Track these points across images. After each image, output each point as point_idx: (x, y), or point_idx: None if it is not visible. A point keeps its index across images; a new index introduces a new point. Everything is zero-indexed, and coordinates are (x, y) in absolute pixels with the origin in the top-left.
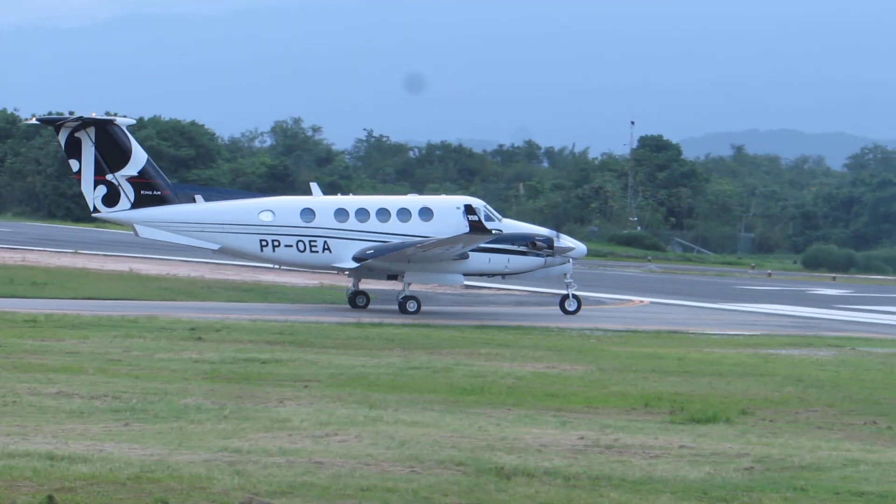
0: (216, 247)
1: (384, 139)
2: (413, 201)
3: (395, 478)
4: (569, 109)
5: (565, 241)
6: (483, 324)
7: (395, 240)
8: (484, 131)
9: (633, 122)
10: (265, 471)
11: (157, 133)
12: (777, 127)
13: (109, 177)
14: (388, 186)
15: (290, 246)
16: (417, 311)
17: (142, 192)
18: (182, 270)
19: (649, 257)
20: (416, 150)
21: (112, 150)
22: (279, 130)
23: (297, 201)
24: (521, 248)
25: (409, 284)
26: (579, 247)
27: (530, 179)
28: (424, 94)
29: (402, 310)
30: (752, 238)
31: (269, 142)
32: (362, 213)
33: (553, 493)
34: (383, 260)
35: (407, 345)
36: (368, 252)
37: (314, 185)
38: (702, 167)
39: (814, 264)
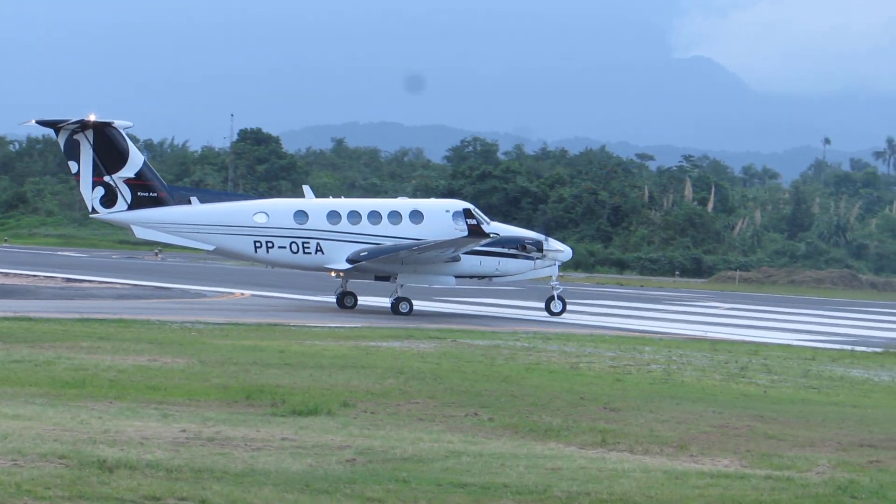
0: (211, 247)
1: None
2: (404, 204)
3: None
4: (168, 101)
5: (554, 244)
6: (85, 317)
7: (387, 242)
8: None
9: (232, 115)
10: None
11: None
12: (377, 120)
13: (107, 178)
14: None
15: (284, 247)
16: (409, 312)
17: (138, 193)
18: None
19: None
20: (17, 144)
21: (109, 153)
22: None
23: (290, 203)
24: (512, 251)
25: (402, 286)
26: (566, 250)
27: None
28: (25, 86)
29: (395, 311)
30: None
31: None
32: (354, 216)
33: (156, 486)
34: (377, 262)
35: (8, 338)
36: (362, 254)
37: (307, 188)
38: (302, 160)
39: None
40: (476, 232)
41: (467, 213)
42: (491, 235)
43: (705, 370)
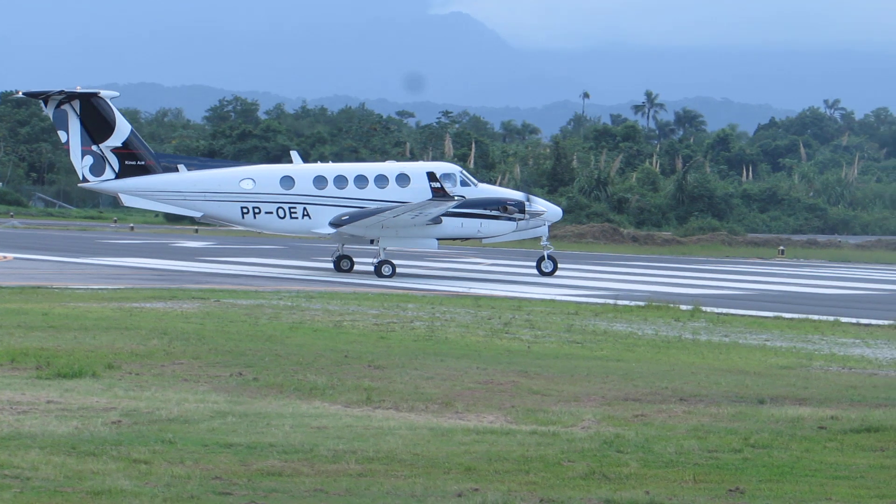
0: (199, 214)
1: None
2: (390, 168)
3: None
4: None
5: (537, 205)
6: None
7: (373, 206)
8: None
9: None
10: None
11: None
12: (137, 80)
13: (95, 148)
14: None
15: (271, 213)
16: (392, 275)
17: (126, 162)
18: None
19: (11, 213)
20: None
21: (96, 122)
22: None
23: (277, 169)
24: (493, 213)
25: (385, 249)
26: (552, 209)
27: None
28: None
29: (378, 273)
30: None
31: None
32: (340, 180)
33: None
34: (358, 226)
35: None
36: (344, 218)
37: (294, 154)
38: None
39: (176, 217)
40: (440, 195)
41: (431, 177)
42: (455, 198)
43: (469, 326)
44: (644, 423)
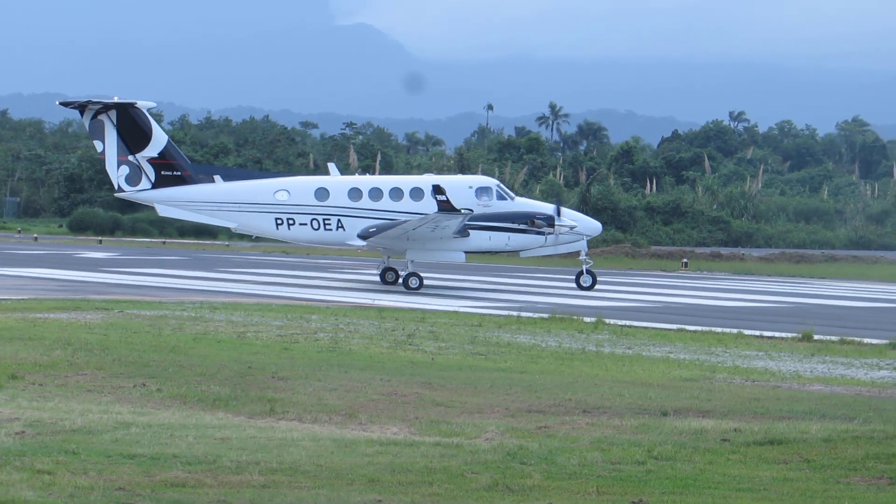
0: (234, 225)
1: None
2: (427, 181)
3: None
4: None
5: (567, 219)
6: None
7: (404, 218)
8: None
9: None
10: None
11: None
12: (41, 91)
13: (131, 158)
14: None
15: (305, 224)
16: (419, 288)
17: (162, 172)
18: None
19: None
20: None
21: (133, 133)
22: None
23: (312, 181)
24: (521, 227)
25: (412, 262)
26: (589, 224)
27: None
28: None
29: (406, 286)
30: (17, 202)
31: None
32: (376, 193)
33: None
34: (383, 237)
35: None
36: (371, 230)
37: (332, 166)
38: None
39: (80, 228)
40: (446, 208)
41: (437, 189)
42: (463, 212)
43: (372, 338)
44: (547, 434)
